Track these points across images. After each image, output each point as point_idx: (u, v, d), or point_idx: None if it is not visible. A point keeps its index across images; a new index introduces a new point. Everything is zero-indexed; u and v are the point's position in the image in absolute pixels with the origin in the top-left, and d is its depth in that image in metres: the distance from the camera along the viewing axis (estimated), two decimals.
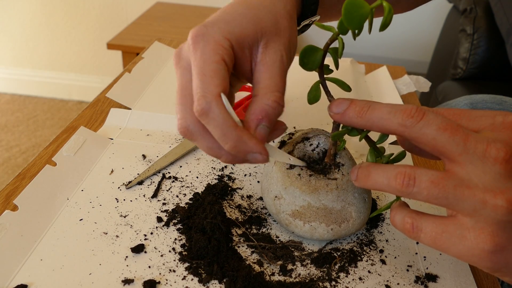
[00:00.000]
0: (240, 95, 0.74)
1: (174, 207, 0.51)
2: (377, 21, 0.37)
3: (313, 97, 0.43)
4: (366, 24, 0.36)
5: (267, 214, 0.51)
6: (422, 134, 0.33)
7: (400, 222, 0.35)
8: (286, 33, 0.41)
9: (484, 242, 0.31)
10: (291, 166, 0.47)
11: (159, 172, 0.56)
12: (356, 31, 0.36)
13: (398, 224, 0.36)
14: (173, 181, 0.55)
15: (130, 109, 0.68)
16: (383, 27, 0.35)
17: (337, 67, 0.42)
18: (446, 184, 0.32)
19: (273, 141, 0.49)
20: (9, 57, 2.47)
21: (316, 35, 2.21)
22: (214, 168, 0.58)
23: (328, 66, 0.42)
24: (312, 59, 0.40)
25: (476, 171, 0.31)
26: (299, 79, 0.80)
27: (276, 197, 0.47)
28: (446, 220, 0.33)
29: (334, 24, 0.41)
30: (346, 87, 0.42)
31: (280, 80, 0.39)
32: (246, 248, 0.46)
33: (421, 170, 0.33)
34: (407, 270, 0.45)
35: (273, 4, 0.42)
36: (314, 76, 0.43)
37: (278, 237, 0.48)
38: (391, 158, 0.40)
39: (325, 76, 0.42)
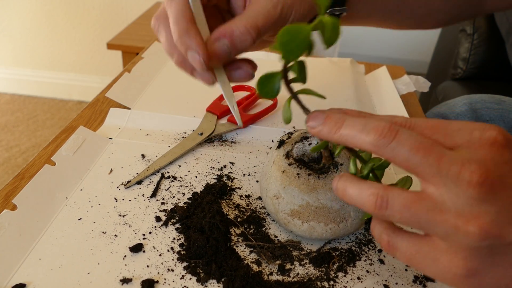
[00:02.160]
0: (240, 95, 0.74)
1: (173, 206, 0.51)
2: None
3: (286, 118, 0.41)
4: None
5: (266, 213, 0.51)
6: (395, 155, 0.31)
7: (378, 236, 0.35)
8: None
9: (457, 266, 0.31)
10: (290, 164, 0.47)
11: (158, 172, 0.56)
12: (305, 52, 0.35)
13: (376, 237, 0.36)
14: (172, 181, 0.55)
15: (129, 109, 0.68)
16: (328, 44, 0.34)
17: (304, 81, 0.39)
18: (418, 208, 0.31)
19: (276, 143, 0.49)
20: (9, 57, 2.47)
21: None
22: (213, 168, 0.58)
23: (296, 78, 0.40)
24: (270, 87, 0.37)
25: (449, 194, 0.30)
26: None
27: (274, 196, 0.47)
28: (422, 240, 0.33)
29: None
30: (319, 96, 0.40)
31: (263, 18, 0.41)
32: (245, 248, 0.46)
33: (394, 192, 0.32)
34: (406, 270, 0.45)
35: None
36: (314, 76, 0.42)
37: (276, 236, 0.48)
38: (374, 166, 0.39)
39: (296, 90, 0.40)
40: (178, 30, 0.40)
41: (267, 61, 0.89)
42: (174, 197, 0.52)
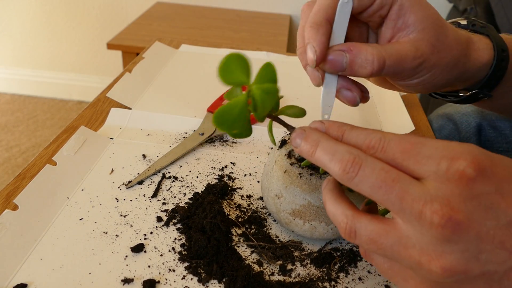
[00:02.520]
0: None
1: (174, 206, 0.51)
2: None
3: (272, 141, 0.42)
4: None
5: (267, 214, 0.51)
6: (359, 189, 0.31)
7: (362, 253, 0.36)
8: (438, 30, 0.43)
9: None
10: (292, 164, 0.47)
11: (159, 172, 0.56)
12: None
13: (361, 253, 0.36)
14: (173, 181, 0.55)
15: (130, 109, 0.68)
16: (258, 117, 0.34)
17: (277, 108, 0.39)
18: (383, 243, 0.31)
19: (278, 143, 0.49)
20: (9, 57, 2.47)
21: None
22: (214, 168, 0.58)
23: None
24: (240, 128, 0.37)
25: (414, 231, 0.29)
26: (299, 78, 0.80)
27: (276, 196, 0.47)
28: (393, 260, 0.33)
29: None
30: (299, 115, 0.40)
31: (394, 60, 0.41)
32: (246, 248, 0.46)
33: (362, 224, 0.32)
34: None
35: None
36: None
37: (277, 237, 0.48)
38: None
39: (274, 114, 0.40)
40: (310, 22, 0.40)
41: (267, 60, 0.89)
42: (175, 197, 0.52)
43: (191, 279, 0.42)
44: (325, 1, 0.41)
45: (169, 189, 0.54)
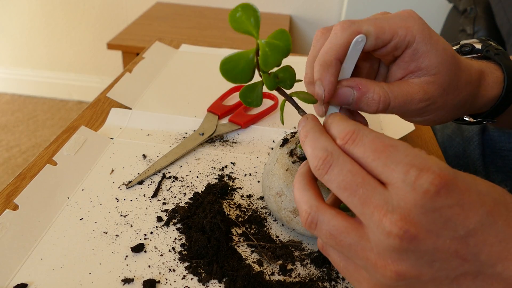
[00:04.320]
0: None
1: (174, 206, 0.51)
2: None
3: (281, 120, 0.43)
4: None
5: (267, 213, 0.51)
6: (328, 187, 0.32)
7: (319, 245, 0.36)
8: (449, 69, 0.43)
9: None
10: (294, 162, 0.47)
11: (159, 172, 0.56)
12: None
13: (318, 246, 0.37)
14: (173, 181, 0.55)
15: (130, 109, 0.68)
16: (264, 67, 0.35)
17: (288, 87, 0.40)
18: (342, 240, 0.31)
19: (280, 141, 0.49)
20: (9, 57, 2.47)
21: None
22: (214, 168, 0.58)
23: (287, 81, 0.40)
24: (254, 96, 0.38)
25: (373, 235, 0.30)
26: (300, 77, 0.80)
27: (277, 194, 0.47)
28: (348, 260, 0.33)
29: None
30: (310, 101, 0.40)
31: (400, 101, 0.42)
32: (246, 248, 0.46)
33: (325, 217, 0.32)
34: None
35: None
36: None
37: (278, 236, 0.48)
38: None
39: (289, 93, 0.41)
40: (321, 60, 0.40)
41: None
42: (175, 197, 0.52)
43: (191, 279, 0.42)
44: (337, 40, 0.40)
45: (169, 189, 0.54)
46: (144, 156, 0.59)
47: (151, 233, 0.47)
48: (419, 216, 0.28)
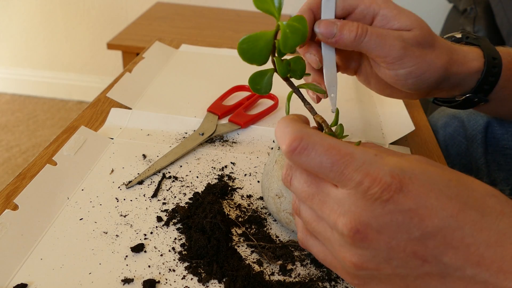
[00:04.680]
0: (240, 96, 0.74)
1: (174, 206, 0.51)
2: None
3: (287, 111, 0.44)
4: None
5: (267, 213, 0.51)
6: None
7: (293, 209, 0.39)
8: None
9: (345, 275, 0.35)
10: None
11: (159, 172, 0.56)
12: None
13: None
14: (173, 181, 0.55)
15: (130, 109, 0.68)
16: (284, 49, 0.36)
17: (298, 77, 0.41)
18: (314, 229, 0.35)
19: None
20: (9, 57, 2.47)
21: None
22: (214, 168, 0.58)
23: (296, 72, 0.41)
24: (263, 83, 0.39)
25: (332, 233, 0.33)
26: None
27: (276, 195, 0.47)
28: (326, 249, 0.36)
29: None
30: (320, 91, 0.42)
31: (379, 34, 0.47)
32: (246, 248, 0.46)
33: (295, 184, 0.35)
34: None
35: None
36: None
37: (278, 237, 0.48)
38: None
39: (297, 85, 0.41)
40: (298, 12, 0.47)
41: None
42: (175, 197, 0.52)
43: (191, 279, 0.42)
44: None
45: (169, 189, 0.54)
46: (144, 156, 0.59)
47: (151, 233, 0.47)
48: (369, 219, 0.30)
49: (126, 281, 0.41)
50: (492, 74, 0.52)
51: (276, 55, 0.37)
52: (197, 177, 0.56)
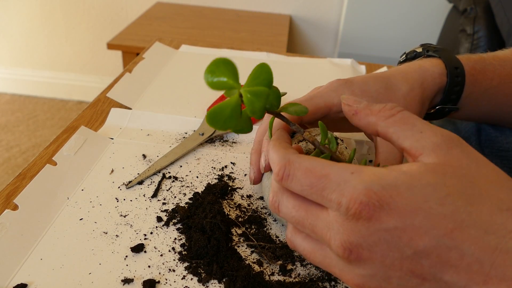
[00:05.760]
0: None
1: (174, 206, 0.51)
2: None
3: (269, 136, 0.44)
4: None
5: (267, 213, 0.51)
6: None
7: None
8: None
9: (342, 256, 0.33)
10: None
11: (159, 172, 0.56)
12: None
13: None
14: (173, 181, 0.55)
15: (130, 109, 0.68)
16: (253, 114, 0.35)
17: (278, 105, 0.40)
18: (312, 259, 0.34)
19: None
20: (9, 57, 2.47)
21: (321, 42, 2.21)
22: (214, 168, 0.58)
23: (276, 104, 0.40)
24: (246, 125, 0.38)
25: (331, 253, 0.33)
26: (299, 78, 0.80)
27: None
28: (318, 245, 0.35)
29: None
30: (301, 112, 0.40)
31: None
32: (246, 248, 0.46)
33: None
34: None
35: (404, 80, 0.51)
36: (315, 77, 0.43)
37: (278, 237, 0.48)
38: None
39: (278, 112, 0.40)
40: (252, 149, 0.52)
41: (267, 61, 0.89)
42: (175, 197, 0.52)
43: (191, 279, 0.42)
44: (259, 135, 0.51)
45: (169, 189, 0.54)
46: (144, 156, 0.59)
47: (151, 233, 0.47)
48: (358, 240, 0.29)
49: (126, 281, 0.41)
50: (456, 84, 0.53)
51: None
52: (197, 177, 0.56)
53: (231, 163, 0.59)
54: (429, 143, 0.31)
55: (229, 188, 0.54)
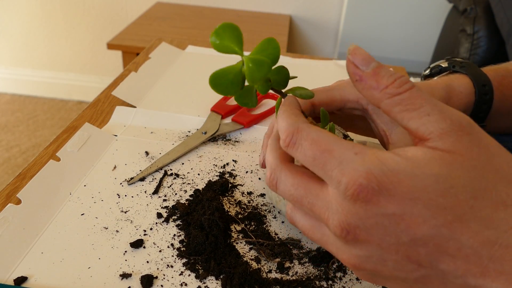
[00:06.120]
0: None
1: (174, 203, 0.51)
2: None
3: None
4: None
5: (267, 210, 0.51)
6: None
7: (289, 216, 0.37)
8: None
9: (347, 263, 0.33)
10: None
11: (161, 169, 0.56)
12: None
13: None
14: (175, 178, 0.55)
15: (135, 107, 0.68)
16: (251, 81, 0.35)
17: (285, 85, 0.40)
18: (310, 235, 0.34)
19: None
20: (9, 57, 2.48)
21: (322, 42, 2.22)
22: (216, 165, 0.58)
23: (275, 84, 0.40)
24: (249, 99, 0.38)
25: (328, 231, 0.32)
26: (299, 78, 0.80)
27: None
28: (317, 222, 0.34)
29: None
30: (307, 96, 0.40)
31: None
32: (244, 245, 0.46)
33: (281, 179, 0.34)
34: None
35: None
36: (319, 78, 0.43)
37: (277, 234, 0.48)
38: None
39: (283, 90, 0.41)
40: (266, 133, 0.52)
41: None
42: (176, 194, 0.52)
43: (189, 275, 0.42)
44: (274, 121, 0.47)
45: (170, 186, 0.54)
46: (147, 153, 0.59)
47: (151, 229, 0.47)
48: (356, 222, 0.29)
49: (125, 276, 0.42)
50: (484, 102, 0.52)
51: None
52: (199, 174, 0.56)
53: (233, 160, 0.59)
54: (436, 129, 0.29)
55: (230, 185, 0.54)
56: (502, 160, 0.29)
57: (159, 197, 0.52)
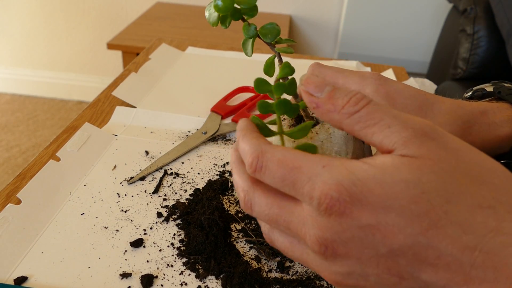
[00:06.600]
0: (244, 96, 0.74)
1: (174, 202, 0.51)
2: None
3: (250, 52, 0.43)
4: None
5: None
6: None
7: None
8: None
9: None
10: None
11: (161, 169, 0.56)
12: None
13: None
14: (175, 177, 0.55)
15: (135, 107, 0.68)
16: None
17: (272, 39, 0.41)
18: (290, 254, 0.33)
19: None
20: (9, 57, 2.48)
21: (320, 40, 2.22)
22: (216, 165, 0.58)
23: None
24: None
25: (307, 249, 0.31)
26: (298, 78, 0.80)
27: None
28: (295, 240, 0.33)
29: None
30: (289, 50, 0.41)
31: None
32: (245, 244, 0.46)
33: (255, 201, 0.32)
34: None
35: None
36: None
37: None
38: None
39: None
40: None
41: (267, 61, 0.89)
42: (176, 193, 0.52)
43: (189, 274, 0.42)
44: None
45: (170, 185, 0.54)
46: (147, 152, 0.59)
47: (151, 228, 0.47)
48: (332, 236, 0.28)
49: (125, 275, 0.42)
50: None
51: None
52: (199, 173, 0.56)
53: None
54: (399, 138, 0.28)
55: (230, 184, 0.54)
56: (472, 162, 0.28)
57: (159, 196, 0.52)
